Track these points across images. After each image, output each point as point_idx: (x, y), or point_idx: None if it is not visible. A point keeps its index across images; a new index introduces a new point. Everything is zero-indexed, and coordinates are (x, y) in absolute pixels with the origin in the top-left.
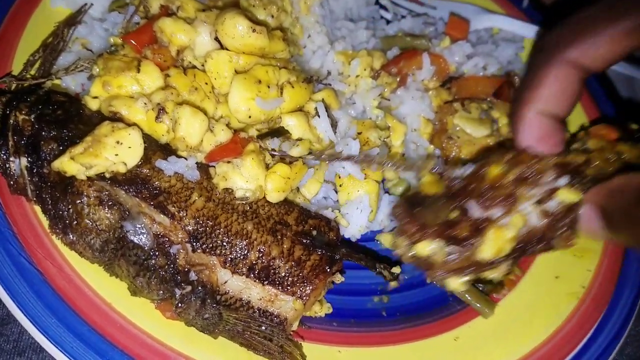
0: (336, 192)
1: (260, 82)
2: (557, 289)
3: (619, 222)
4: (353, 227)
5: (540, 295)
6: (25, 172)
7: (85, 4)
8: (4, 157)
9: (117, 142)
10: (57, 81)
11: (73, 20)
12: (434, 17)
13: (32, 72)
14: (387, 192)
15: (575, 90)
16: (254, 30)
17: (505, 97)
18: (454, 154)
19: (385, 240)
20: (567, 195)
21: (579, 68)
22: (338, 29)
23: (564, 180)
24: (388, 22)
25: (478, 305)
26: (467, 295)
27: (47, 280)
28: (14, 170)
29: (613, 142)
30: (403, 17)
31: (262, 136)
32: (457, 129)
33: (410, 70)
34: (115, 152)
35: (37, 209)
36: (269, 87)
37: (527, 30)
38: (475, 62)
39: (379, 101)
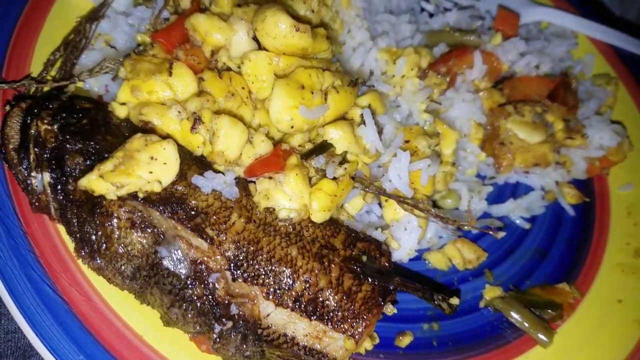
0: (380, 206)
1: (303, 87)
2: (620, 314)
3: None
4: (401, 250)
5: (602, 322)
6: (49, 188)
7: None
8: (25, 172)
9: (151, 158)
10: (79, 83)
11: (96, 14)
12: (479, 9)
13: (53, 72)
14: (434, 204)
15: None
16: (297, 30)
17: (560, 99)
18: (506, 162)
19: (434, 260)
20: None
21: None
22: (379, 22)
23: None
24: (431, 15)
25: (535, 333)
26: (523, 322)
27: (73, 310)
28: (36, 186)
29: None
30: (447, 9)
31: (306, 155)
32: (510, 134)
33: (460, 69)
34: (149, 169)
35: (61, 227)
36: (312, 93)
37: (578, 24)
38: (528, 61)
39: (427, 104)
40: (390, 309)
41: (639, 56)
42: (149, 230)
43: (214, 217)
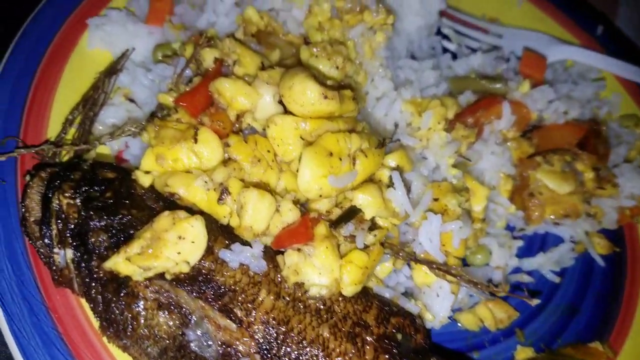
0: (409, 266)
1: (331, 154)
2: None
3: None
4: (435, 319)
5: None
6: (72, 265)
7: (127, 49)
8: (48, 247)
9: (179, 237)
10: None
11: (114, 68)
12: (503, 49)
13: (72, 130)
14: (465, 263)
15: None
16: (325, 97)
17: (590, 148)
18: (536, 214)
19: (466, 321)
20: None
21: None
22: (401, 68)
23: None
24: (454, 55)
25: None
26: None
27: None
28: (59, 262)
29: None
30: (470, 48)
31: (334, 224)
32: (539, 184)
33: (488, 120)
34: (177, 249)
35: (85, 301)
36: (340, 159)
37: (605, 63)
38: (556, 107)
39: (454, 158)
40: None
41: None
42: (176, 311)
43: (242, 295)
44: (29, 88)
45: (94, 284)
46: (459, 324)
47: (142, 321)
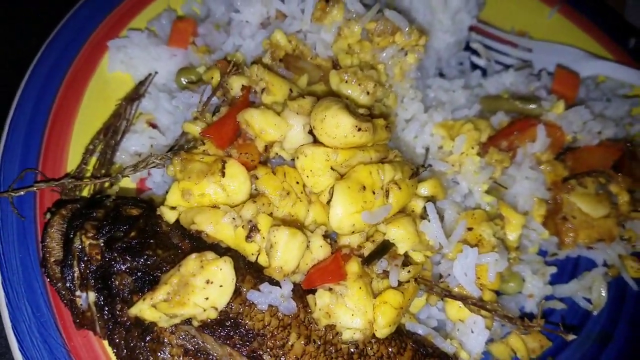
0: (442, 299)
1: (364, 188)
2: None
3: None
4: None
5: None
6: (94, 307)
7: (150, 74)
8: (69, 290)
9: (207, 282)
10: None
11: (136, 93)
12: (533, 64)
13: (93, 160)
14: (497, 292)
15: None
16: (359, 129)
17: (625, 170)
18: (570, 239)
19: (498, 352)
20: None
21: None
22: (430, 87)
23: None
24: (483, 71)
25: None
26: None
27: None
28: (81, 304)
29: None
30: (502, 65)
31: (367, 260)
32: (573, 208)
33: (522, 143)
34: (204, 295)
35: (106, 342)
36: (374, 192)
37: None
38: (590, 127)
39: (488, 184)
40: None
41: None
42: (203, 358)
43: (272, 340)
44: (47, 117)
45: (117, 329)
46: (491, 356)
47: None
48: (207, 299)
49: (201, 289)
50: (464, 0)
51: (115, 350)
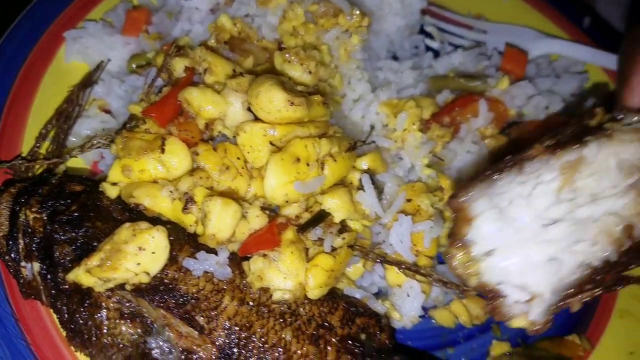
0: (384, 267)
1: (298, 160)
2: None
3: None
4: (404, 318)
5: None
6: (39, 277)
7: (102, 61)
8: (15, 261)
9: (139, 248)
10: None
11: (89, 80)
12: (486, 45)
13: (46, 144)
14: (441, 261)
15: None
16: (291, 104)
17: None
18: None
19: (440, 317)
20: None
21: None
22: (380, 69)
23: None
24: (436, 53)
25: None
26: None
27: None
28: (26, 274)
29: None
30: (455, 46)
31: (302, 228)
32: None
33: (464, 119)
34: (136, 260)
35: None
36: (308, 164)
37: (592, 56)
38: (537, 102)
39: (429, 158)
40: None
41: None
42: (138, 320)
43: (205, 302)
44: (3, 104)
45: (59, 296)
46: (433, 321)
47: (105, 330)
48: (138, 264)
49: (133, 255)
50: None
51: (58, 316)
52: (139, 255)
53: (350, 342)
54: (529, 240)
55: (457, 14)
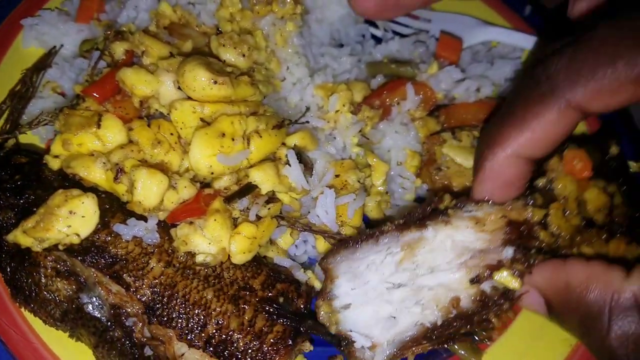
0: (314, 237)
1: (223, 135)
2: (550, 334)
3: (562, 314)
4: None
5: (532, 342)
6: None
7: (55, 46)
8: None
9: (70, 212)
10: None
11: (42, 64)
12: (426, 33)
13: (0, 122)
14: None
15: (567, 133)
16: (215, 82)
17: None
18: (441, 186)
19: None
20: (506, 281)
21: (578, 111)
22: (322, 55)
23: (509, 252)
24: (379, 41)
25: (464, 355)
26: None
27: (11, 350)
28: None
29: (584, 182)
30: (395, 34)
31: (229, 199)
32: (447, 159)
33: (393, 101)
34: (67, 223)
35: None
36: (233, 139)
37: (528, 42)
38: (467, 86)
39: (359, 137)
40: (307, 347)
41: None
42: (73, 278)
43: (133, 264)
44: None
45: (4, 256)
46: None
47: (44, 286)
48: (69, 226)
49: (65, 218)
50: None
51: (3, 275)
52: (70, 218)
53: (268, 303)
54: (376, 299)
55: None
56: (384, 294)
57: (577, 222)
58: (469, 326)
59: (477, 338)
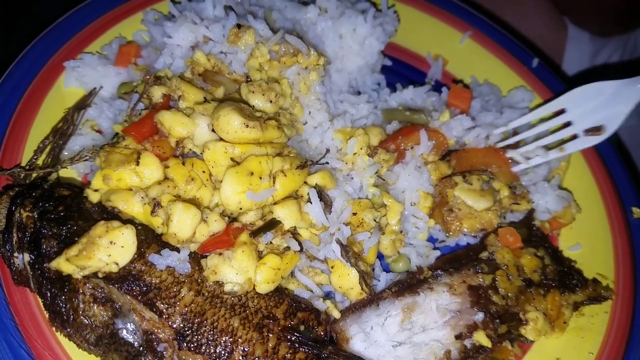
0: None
1: (252, 174)
2: None
3: None
4: None
5: None
6: (28, 267)
7: (95, 88)
8: (9, 252)
9: (111, 243)
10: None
11: (83, 103)
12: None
13: (43, 156)
14: (386, 269)
15: None
16: (247, 126)
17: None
18: (454, 227)
19: None
20: (482, 340)
21: None
22: (341, 101)
23: (479, 316)
24: (394, 89)
25: None
26: None
27: None
28: (18, 264)
29: (518, 251)
30: (409, 83)
31: (254, 233)
32: (458, 201)
33: (408, 146)
34: (108, 252)
35: (39, 298)
36: (261, 178)
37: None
38: (477, 133)
39: (375, 179)
40: None
41: None
42: (109, 305)
43: (166, 292)
44: (8, 122)
45: (45, 282)
46: None
47: (81, 312)
48: (109, 255)
49: (105, 248)
50: (371, 29)
51: (42, 300)
52: (110, 247)
53: (290, 331)
54: (385, 356)
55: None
56: (391, 350)
57: (519, 283)
58: None
59: None
